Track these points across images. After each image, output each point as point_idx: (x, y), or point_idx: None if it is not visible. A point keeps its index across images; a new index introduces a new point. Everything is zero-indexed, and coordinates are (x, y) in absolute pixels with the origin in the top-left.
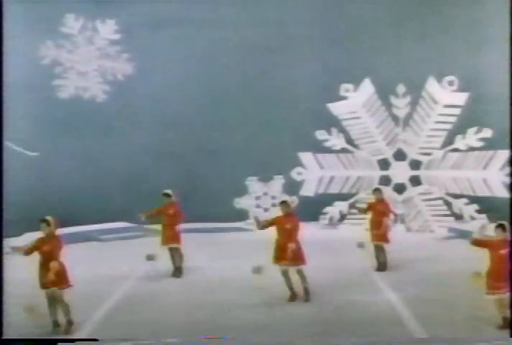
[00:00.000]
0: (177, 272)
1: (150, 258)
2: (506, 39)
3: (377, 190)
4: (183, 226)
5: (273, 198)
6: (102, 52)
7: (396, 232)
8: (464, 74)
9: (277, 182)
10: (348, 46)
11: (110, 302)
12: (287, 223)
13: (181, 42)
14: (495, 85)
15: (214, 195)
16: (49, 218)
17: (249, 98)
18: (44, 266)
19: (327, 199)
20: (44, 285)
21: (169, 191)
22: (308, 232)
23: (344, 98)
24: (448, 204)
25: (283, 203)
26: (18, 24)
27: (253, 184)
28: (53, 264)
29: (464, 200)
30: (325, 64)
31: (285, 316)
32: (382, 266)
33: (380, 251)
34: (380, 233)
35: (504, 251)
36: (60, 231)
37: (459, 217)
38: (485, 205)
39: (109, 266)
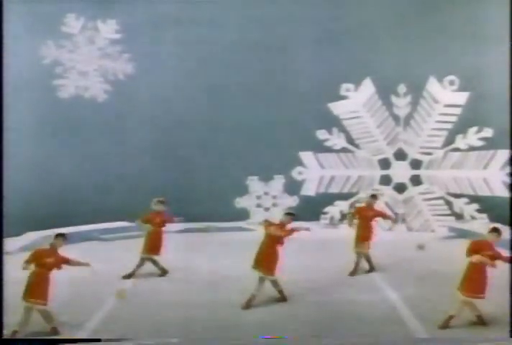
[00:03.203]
0: (163, 271)
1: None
2: (506, 39)
3: (372, 197)
4: (183, 225)
5: (274, 197)
6: (103, 51)
7: (397, 232)
8: (464, 73)
9: (278, 182)
10: (348, 46)
11: (111, 302)
12: (280, 231)
13: (181, 42)
14: (495, 84)
15: (214, 195)
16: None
17: (250, 98)
18: (44, 278)
19: (328, 198)
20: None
21: (162, 199)
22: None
23: (344, 97)
24: (448, 203)
25: (289, 214)
26: (18, 23)
27: (254, 183)
28: None
29: (465, 200)
30: (325, 64)
31: (285, 316)
32: (371, 268)
33: (364, 257)
34: (361, 240)
35: (489, 253)
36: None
37: (459, 216)
38: (486, 205)
39: (110, 265)
